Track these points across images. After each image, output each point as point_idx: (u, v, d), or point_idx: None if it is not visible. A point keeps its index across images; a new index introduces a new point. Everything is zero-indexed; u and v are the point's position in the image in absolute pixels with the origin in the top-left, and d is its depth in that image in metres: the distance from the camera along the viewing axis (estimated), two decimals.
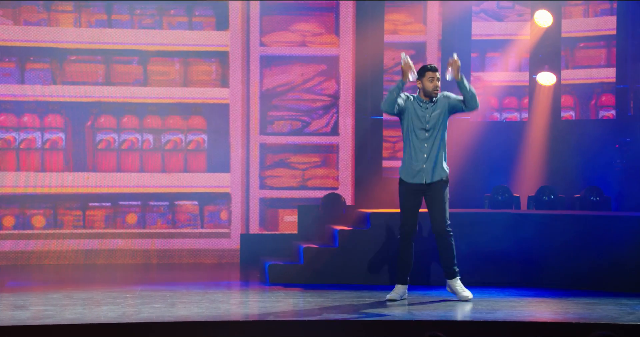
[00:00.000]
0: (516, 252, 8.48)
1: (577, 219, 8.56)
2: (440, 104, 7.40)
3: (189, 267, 10.42)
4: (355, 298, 7.60)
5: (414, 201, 7.36)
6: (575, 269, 8.28)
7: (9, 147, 10.63)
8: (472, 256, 8.42)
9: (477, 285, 8.14)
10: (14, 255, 10.46)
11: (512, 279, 8.43)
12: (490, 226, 8.57)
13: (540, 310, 7.27)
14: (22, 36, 10.61)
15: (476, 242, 8.51)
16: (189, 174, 10.92)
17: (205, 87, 10.97)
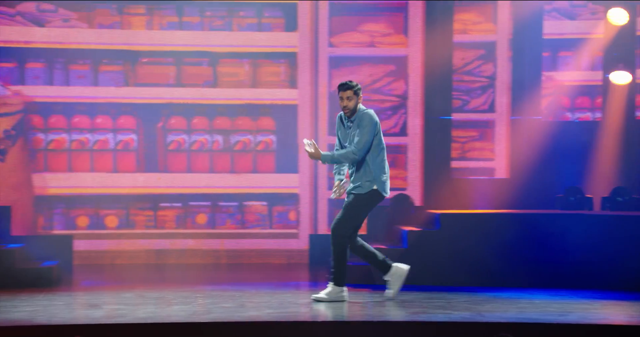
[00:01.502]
0: (589, 254, 8.35)
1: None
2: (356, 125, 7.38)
3: (257, 267, 10.47)
4: (424, 299, 7.56)
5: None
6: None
7: (84, 148, 10.81)
8: (543, 257, 8.31)
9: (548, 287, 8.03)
10: (88, 254, 10.64)
11: (585, 281, 8.30)
12: (562, 227, 8.44)
13: (614, 313, 7.13)
14: (96, 39, 10.78)
15: (547, 243, 8.39)
16: (258, 174, 10.98)
17: (274, 88, 11.01)
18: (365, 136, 7.29)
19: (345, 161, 7.35)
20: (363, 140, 7.28)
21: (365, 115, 7.34)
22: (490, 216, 8.88)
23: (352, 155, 7.29)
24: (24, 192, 10.62)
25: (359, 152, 7.29)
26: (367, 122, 7.31)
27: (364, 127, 7.31)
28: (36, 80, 10.67)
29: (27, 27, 10.67)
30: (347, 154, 7.30)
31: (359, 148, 7.27)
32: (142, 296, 7.67)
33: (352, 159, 7.30)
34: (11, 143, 10.62)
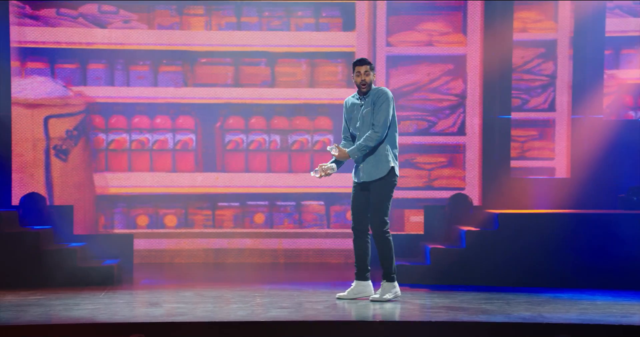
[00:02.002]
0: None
1: None
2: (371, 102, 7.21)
3: (315, 266, 10.48)
4: (483, 299, 7.50)
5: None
6: None
7: (143, 148, 10.93)
8: (604, 258, 8.19)
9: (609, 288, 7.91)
10: (148, 253, 10.75)
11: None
12: (624, 227, 8.32)
13: None
14: (155, 40, 10.89)
15: (609, 244, 8.27)
16: None
17: (331, 87, 11.02)
18: (384, 112, 7.13)
19: (371, 144, 7.12)
20: (383, 116, 7.12)
21: (381, 91, 7.21)
22: (550, 216, 8.79)
23: (375, 135, 7.12)
24: (86, 192, 10.77)
25: (381, 129, 7.12)
26: (384, 98, 7.17)
27: (382, 103, 7.16)
28: (98, 81, 10.81)
29: (89, 28, 10.82)
30: (369, 136, 7.13)
31: (379, 126, 7.11)
32: (201, 295, 7.73)
33: (376, 138, 7.12)
34: (73, 143, 10.77)
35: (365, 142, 7.14)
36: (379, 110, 7.15)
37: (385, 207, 7.17)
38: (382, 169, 7.18)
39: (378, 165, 7.19)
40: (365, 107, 7.24)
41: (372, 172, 7.22)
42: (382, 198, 7.16)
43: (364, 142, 7.14)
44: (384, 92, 7.22)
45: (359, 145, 7.16)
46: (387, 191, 7.17)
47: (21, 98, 10.57)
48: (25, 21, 10.65)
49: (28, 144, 10.63)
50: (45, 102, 10.67)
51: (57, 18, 10.75)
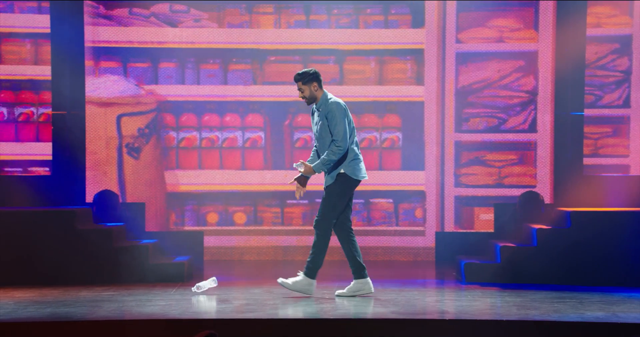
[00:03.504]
0: None
1: None
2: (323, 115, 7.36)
3: (383, 264, 10.46)
4: (555, 299, 7.41)
5: None
6: None
7: (213, 146, 11.02)
8: None
9: None
10: (217, 250, 10.84)
11: None
12: None
13: None
14: (225, 38, 10.98)
15: None
16: (384, 172, 10.97)
17: (400, 85, 10.98)
18: (340, 125, 7.29)
19: (334, 158, 7.31)
20: (340, 129, 7.29)
21: (331, 105, 7.35)
22: (624, 214, 8.63)
23: (337, 149, 7.31)
24: (157, 189, 10.90)
25: (341, 143, 7.29)
26: (334, 112, 7.32)
27: (334, 117, 7.31)
28: (169, 80, 10.93)
29: (161, 27, 10.95)
30: (332, 150, 7.32)
31: (339, 139, 7.27)
32: (270, 292, 7.77)
33: (338, 152, 7.30)
34: (145, 141, 10.91)
35: (329, 157, 7.33)
36: (334, 125, 7.32)
37: (332, 207, 7.40)
38: (332, 176, 7.43)
39: (331, 173, 7.42)
40: (319, 119, 7.43)
41: (326, 178, 7.49)
42: (330, 197, 7.39)
43: (327, 157, 7.34)
44: (335, 105, 7.36)
45: (323, 159, 7.36)
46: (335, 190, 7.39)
47: (95, 97, 10.75)
48: (99, 21, 10.82)
49: (101, 142, 10.80)
50: (118, 101, 10.83)
51: (130, 18, 10.90)
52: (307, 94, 7.43)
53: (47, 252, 8.40)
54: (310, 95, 7.42)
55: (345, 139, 7.30)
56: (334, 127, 7.30)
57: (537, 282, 8.36)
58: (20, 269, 8.36)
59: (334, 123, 7.30)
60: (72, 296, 7.49)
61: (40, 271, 8.38)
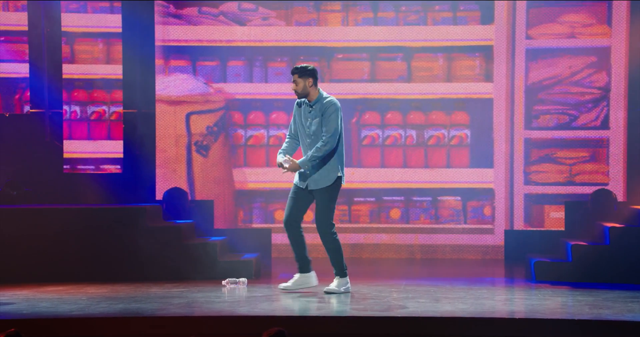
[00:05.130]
0: None
1: None
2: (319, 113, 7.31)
3: (452, 262, 10.39)
4: (628, 298, 7.27)
5: None
6: None
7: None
8: None
9: None
10: (286, 247, 10.83)
11: None
12: None
13: None
14: (293, 36, 11.01)
15: None
16: (452, 169, 10.89)
17: (468, 82, 10.89)
18: (333, 123, 7.28)
19: (321, 154, 7.29)
20: (332, 127, 7.27)
21: (330, 104, 7.35)
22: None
23: (325, 147, 7.28)
24: (225, 187, 10.98)
25: (331, 140, 7.27)
26: (332, 110, 7.31)
27: (330, 116, 7.30)
28: (237, 78, 11.00)
29: (229, 26, 11.03)
30: (320, 147, 7.29)
31: (328, 135, 7.26)
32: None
33: (325, 149, 7.28)
34: (214, 139, 11.00)
35: (316, 153, 7.31)
36: (328, 122, 7.30)
37: (330, 210, 7.40)
38: (330, 178, 7.37)
39: (326, 175, 7.37)
40: (313, 116, 7.39)
41: (319, 180, 7.41)
42: (328, 202, 7.38)
43: (315, 153, 7.32)
44: (332, 103, 7.37)
45: (310, 156, 7.33)
46: (332, 195, 7.39)
47: (164, 95, 10.87)
48: (168, 20, 10.94)
49: (171, 140, 10.92)
50: (187, 99, 10.94)
51: (199, 16, 11.00)
52: (300, 88, 7.43)
53: (118, 248, 8.52)
54: (303, 90, 7.43)
55: (335, 136, 7.30)
56: (328, 124, 7.31)
57: (610, 281, 8.22)
58: (93, 265, 8.49)
59: (329, 120, 7.31)
60: (142, 292, 7.58)
61: (111, 267, 8.50)
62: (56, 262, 8.42)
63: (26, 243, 8.42)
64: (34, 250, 8.42)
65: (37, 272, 8.33)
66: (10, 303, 6.98)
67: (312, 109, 7.43)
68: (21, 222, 8.50)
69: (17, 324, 5.71)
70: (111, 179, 10.21)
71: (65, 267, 8.40)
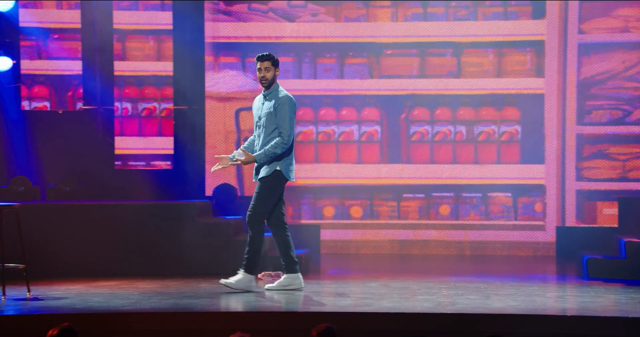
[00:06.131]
0: None
1: None
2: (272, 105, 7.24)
3: (502, 259, 10.31)
4: None
5: None
6: None
7: (329, 139, 11.07)
8: None
9: None
10: (334, 244, 10.89)
11: None
12: None
13: None
14: (342, 32, 11.00)
15: None
16: (502, 165, 10.81)
17: (519, 77, 10.79)
18: (287, 121, 7.24)
19: (278, 151, 7.23)
20: (287, 126, 7.24)
21: (284, 98, 7.28)
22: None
23: (282, 144, 7.23)
24: None
25: (287, 138, 7.22)
26: (287, 106, 7.25)
27: (286, 113, 7.25)
28: (286, 74, 11.02)
29: (279, 22, 11.05)
30: (277, 143, 7.23)
31: (286, 134, 7.22)
32: (386, 286, 7.75)
33: (282, 145, 7.22)
34: None
35: (273, 149, 7.26)
36: (283, 119, 7.25)
37: (264, 203, 7.31)
38: (268, 170, 7.31)
39: (267, 166, 7.32)
40: (266, 108, 7.34)
41: (261, 170, 7.37)
42: (262, 193, 7.31)
43: (271, 149, 7.27)
44: (288, 99, 7.31)
45: (267, 150, 7.27)
46: (269, 187, 7.31)
47: (214, 92, 10.93)
48: (218, 17, 10.99)
49: (220, 136, 10.98)
50: (237, 96, 10.98)
51: (249, 13, 11.04)
52: (270, 76, 7.37)
53: (168, 244, 8.59)
54: (272, 79, 7.38)
55: (291, 134, 7.27)
56: (283, 121, 7.25)
57: None
58: (144, 260, 8.57)
59: (284, 117, 7.25)
60: (192, 288, 7.64)
61: (162, 262, 8.57)
62: (108, 257, 8.51)
63: (79, 238, 8.52)
64: (87, 245, 8.52)
65: (90, 268, 8.43)
66: (63, 298, 7.07)
67: (265, 100, 7.39)
68: (74, 218, 8.60)
69: (70, 319, 5.79)
70: (161, 175, 10.29)
71: (117, 262, 8.49)
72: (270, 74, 7.37)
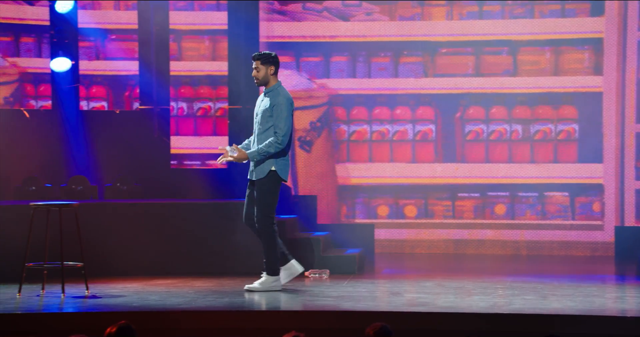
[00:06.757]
0: None
1: None
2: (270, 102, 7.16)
3: (559, 259, 10.20)
4: None
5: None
6: None
7: (383, 139, 11.05)
8: None
9: None
10: (388, 243, 10.86)
11: None
12: None
13: None
14: (396, 31, 10.97)
15: None
16: (559, 164, 10.69)
17: (576, 75, 10.66)
18: (284, 121, 7.16)
19: (272, 151, 7.16)
20: (282, 126, 7.15)
21: (282, 98, 7.19)
22: None
23: (277, 144, 7.15)
24: (328, 182, 11.02)
25: (283, 138, 7.15)
26: (283, 106, 7.16)
27: (282, 112, 7.17)
28: (340, 73, 11.03)
29: (333, 22, 11.05)
30: (271, 142, 7.15)
31: (281, 135, 7.14)
32: (441, 285, 7.71)
33: (277, 146, 7.15)
34: (317, 135, 11.05)
35: (267, 148, 7.20)
36: (279, 119, 7.19)
37: (268, 206, 7.26)
38: (262, 171, 7.25)
39: (261, 167, 7.26)
40: (263, 106, 7.28)
41: (254, 172, 7.31)
42: (263, 196, 7.25)
43: (265, 148, 7.20)
44: (285, 99, 7.23)
45: (260, 149, 7.20)
46: (268, 189, 7.25)
47: None
48: (273, 17, 11.03)
49: None
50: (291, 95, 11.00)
51: (303, 12, 11.06)
52: (261, 75, 7.32)
53: (223, 243, 8.64)
54: (264, 78, 7.32)
55: (287, 135, 7.20)
56: (279, 121, 7.18)
57: None
58: (199, 259, 8.63)
59: (280, 117, 7.18)
60: None
61: (217, 261, 8.62)
62: (164, 256, 8.58)
63: (135, 237, 8.61)
64: (143, 244, 8.60)
65: (146, 266, 8.52)
66: (121, 296, 7.15)
67: (264, 98, 7.36)
68: (131, 217, 8.69)
69: (127, 317, 5.85)
70: (217, 174, 10.35)
71: (173, 260, 8.56)
72: (261, 73, 7.35)
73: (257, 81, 7.38)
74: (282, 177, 7.32)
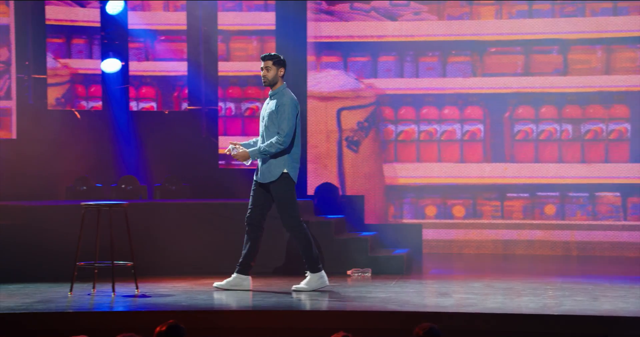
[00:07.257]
0: None
1: None
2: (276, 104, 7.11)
3: (610, 260, 10.07)
4: None
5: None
6: None
7: (431, 138, 11.00)
8: None
9: None
10: (436, 243, 10.81)
11: None
12: None
13: None
14: (445, 31, 10.92)
15: None
16: (611, 164, 10.56)
17: (629, 74, 10.52)
18: (287, 122, 7.12)
19: (273, 151, 7.13)
20: (285, 126, 7.12)
21: (286, 99, 7.14)
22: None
23: (279, 145, 7.13)
24: (376, 182, 11.01)
25: (284, 139, 7.11)
26: (287, 107, 7.11)
27: (285, 112, 7.12)
28: (387, 73, 11.01)
29: (380, 21, 11.04)
30: (273, 143, 7.13)
31: (283, 135, 7.10)
32: (490, 286, 7.66)
33: (278, 146, 7.12)
34: (364, 134, 11.04)
35: (268, 148, 7.19)
36: (282, 119, 7.16)
37: (289, 207, 7.24)
38: (273, 174, 7.24)
39: (271, 169, 7.25)
40: (270, 108, 7.25)
41: (265, 174, 7.28)
42: (281, 198, 7.24)
43: (267, 148, 7.19)
44: (289, 101, 7.20)
45: (262, 148, 7.20)
46: (284, 190, 7.24)
47: (316, 91, 10.98)
48: (320, 17, 11.04)
49: (322, 136, 11.03)
50: (338, 95, 11.02)
51: (351, 12, 11.05)
52: (271, 75, 7.30)
53: (271, 243, 8.65)
54: (273, 79, 7.31)
55: (289, 136, 7.17)
56: (282, 121, 7.16)
57: None
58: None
59: (283, 118, 7.16)
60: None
61: (265, 261, 8.64)
62: (212, 255, 8.63)
63: (184, 236, 8.67)
64: (192, 243, 8.66)
65: (195, 265, 8.57)
66: (170, 295, 7.21)
67: (270, 100, 7.35)
68: (179, 216, 8.76)
69: (176, 316, 5.90)
70: None
71: (220, 260, 8.60)
72: (271, 73, 7.35)
73: (265, 81, 7.39)
74: (294, 178, 7.37)
